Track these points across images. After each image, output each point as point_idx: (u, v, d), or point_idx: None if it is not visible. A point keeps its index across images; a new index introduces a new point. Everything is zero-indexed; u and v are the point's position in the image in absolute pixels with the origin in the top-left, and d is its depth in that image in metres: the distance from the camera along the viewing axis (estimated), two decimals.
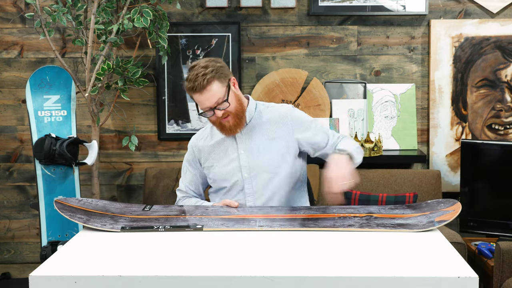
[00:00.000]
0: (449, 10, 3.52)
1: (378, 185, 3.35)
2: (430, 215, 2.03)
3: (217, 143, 2.39)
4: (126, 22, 3.06)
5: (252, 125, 2.37)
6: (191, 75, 2.22)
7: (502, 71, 3.50)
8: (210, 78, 2.20)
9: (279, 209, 2.21)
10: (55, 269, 1.64)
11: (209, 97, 2.22)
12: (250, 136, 2.36)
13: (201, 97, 2.22)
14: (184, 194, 2.49)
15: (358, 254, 1.73)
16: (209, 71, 2.21)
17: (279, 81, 3.53)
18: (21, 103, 3.63)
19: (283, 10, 3.54)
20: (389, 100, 3.54)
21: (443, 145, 3.55)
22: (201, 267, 1.63)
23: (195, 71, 2.22)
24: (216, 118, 2.27)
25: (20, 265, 3.73)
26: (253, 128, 2.36)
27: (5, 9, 3.57)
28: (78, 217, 2.03)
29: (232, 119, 2.28)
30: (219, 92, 2.23)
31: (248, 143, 2.35)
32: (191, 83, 2.21)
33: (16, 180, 3.69)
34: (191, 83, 2.21)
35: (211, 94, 2.22)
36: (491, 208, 3.13)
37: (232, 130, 2.30)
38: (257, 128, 2.36)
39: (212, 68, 2.22)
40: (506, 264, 2.67)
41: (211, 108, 2.24)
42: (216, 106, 2.23)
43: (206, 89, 2.21)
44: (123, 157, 3.67)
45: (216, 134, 2.40)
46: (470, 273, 1.55)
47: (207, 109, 2.24)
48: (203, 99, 2.23)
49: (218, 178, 2.38)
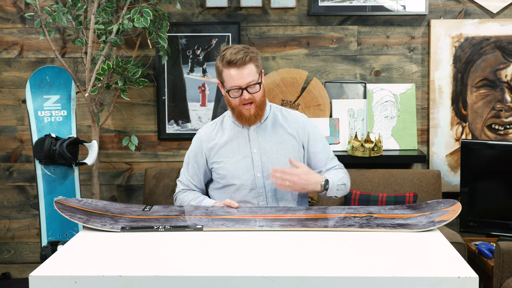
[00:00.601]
0: (449, 10, 3.52)
1: (378, 185, 3.35)
2: (430, 215, 2.03)
3: (229, 139, 2.39)
4: (126, 22, 3.06)
5: (265, 125, 2.37)
6: (232, 50, 2.23)
7: (502, 71, 3.50)
8: (251, 57, 2.24)
9: (279, 209, 2.21)
10: (55, 269, 1.64)
11: (244, 75, 2.22)
12: (263, 135, 2.36)
13: (237, 72, 2.22)
14: (185, 187, 2.49)
15: (358, 254, 1.73)
16: (250, 51, 2.25)
17: (279, 81, 3.53)
18: (21, 103, 3.63)
19: (283, 10, 3.55)
20: (389, 100, 3.54)
21: (443, 145, 3.55)
22: (201, 267, 1.63)
23: (236, 48, 2.24)
24: (239, 102, 2.27)
25: (20, 265, 3.73)
26: (267, 128, 2.37)
27: (5, 9, 3.57)
28: (78, 217, 2.03)
29: (254, 108, 2.28)
30: (254, 74, 2.25)
31: (262, 143, 2.35)
32: (232, 55, 2.21)
33: (16, 180, 3.69)
34: (232, 56, 2.21)
35: (247, 72, 2.22)
36: (491, 208, 3.13)
37: (250, 120, 2.30)
38: (271, 128, 2.38)
39: (253, 50, 2.26)
40: (506, 264, 2.67)
41: (241, 88, 2.24)
42: (247, 86, 2.23)
43: (245, 66, 2.22)
44: (123, 157, 3.68)
45: (227, 130, 2.40)
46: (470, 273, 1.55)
47: (237, 87, 2.24)
48: (238, 75, 2.22)
49: (228, 175, 2.37)
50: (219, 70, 2.29)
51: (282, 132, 2.38)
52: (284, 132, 2.38)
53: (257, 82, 2.25)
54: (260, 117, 2.33)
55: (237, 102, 2.27)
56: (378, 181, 3.36)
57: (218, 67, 2.29)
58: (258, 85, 2.26)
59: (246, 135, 2.37)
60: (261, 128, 2.37)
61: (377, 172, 3.40)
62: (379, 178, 3.37)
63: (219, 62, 2.28)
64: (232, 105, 2.30)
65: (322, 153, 2.40)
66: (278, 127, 2.38)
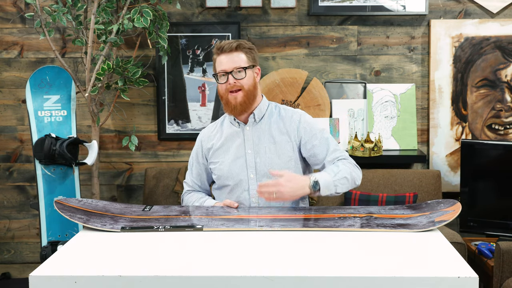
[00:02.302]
0: (449, 10, 3.52)
1: (378, 185, 3.35)
2: (430, 215, 2.03)
3: (226, 139, 2.39)
4: (126, 22, 3.06)
5: (261, 124, 2.37)
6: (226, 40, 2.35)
7: (502, 71, 3.50)
8: (241, 45, 2.31)
9: (279, 209, 2.21)
10: (55, 269, 1.64)
11: (231, 60, 2.28)
12: (258, 135, 2.36)
13: (224, 57, 2.29)
14: (190, 188, 2.50)
15: (358, 254, 1.73)
16: (243, 42, 2.33)
17: (279, 81, 3.53)
18: (21, 103, 3.63)
19: (283, 10, 3.55)
20: (389, 100, 3.54)
21: (443, 145, 3.55)
22: (201, 267, 1.63)
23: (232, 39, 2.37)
24: (226, 87, 2.29)
25: (20, 265, 3.73)
26: (262, 127, 2.37)
27: (5, 9, 3.57)
28: (78, 217, 2.03)
29: (241, 96, 2.29)
30: (242, 62, 2.30)
31: (256, 143, 2.35)
32: (222, 43, 2.30)
33: (16, 180, 3.69)
34: (223, 43, 2.30)
35: (234, 58, 2.29)
36: (491, 208, 3.13)
37: (236, 109, 2.31)
38: (266, 128, 2.37)
39: (246, 42, 2.34)
40: (506, 264, 2.67)
41: (227, 72, 2.28)
42: (232, 71, 2.27)
43: (233, 52, 2.29)
44: (123, 157, 3.67)
45: (225, 130, 2.41)
46: (470, 273, 1.55)
47: (223, 72, 2.29)
48: (225, 60, 2.29)
49: (223, 175, 2.38)
50: (213, 60, 2.36)
51: (277, 132, 2.36)
52: (278, 132, 2.36)
53: (243, 67, 2.28)
54: (247, 108, 2.32)
55: (224, 89, 2.30)
56: (378, 181, 3.36)
57: (213, 58, 2.36)
58: (244, 71, 2.28)
59: (241, 135, 2.37)
60: (257, 127, 2.37)
61: (377, 172, 3.40)
62: (379, 178, 3.37)
63: (213, 53, 2.36)
64: (220, 93, 2.34)
65: (320, 146, 2.35)
66: (273, 127, 2.37)
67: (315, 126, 2.39)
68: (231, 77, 2.28)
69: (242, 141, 2.36)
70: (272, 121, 2.38)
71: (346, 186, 2.27)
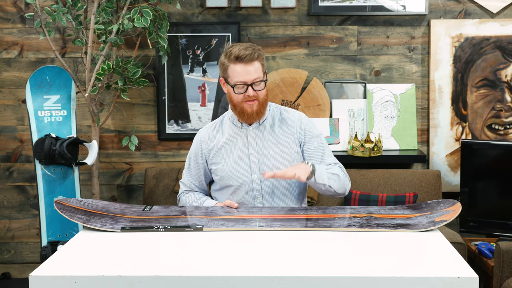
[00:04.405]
0: (449, 10, 3.52)
1: (378, 185, 3.35)
2: (430, 215, 2.03)
3: (228, 139, 2.39)
4: (126, 22, 3.06)
5: (264, 126, 2.37)
6: (240, 46, 2.25)
7: (502, 71, 3.50)
8: (259, 54, 2.26)
9: (279, 210, 2.21)
10: (55, 269, 1.64)
11: (251, 71, 2.23)
12: (261, 136, 2.36)
13: (244, 68, 2.23)
14: (187, 188, 2.49)
15: (358, 254, 1.73)
16: (258, 49, 2.26)
17: (279, 81, 3.53)
18: (21, 103, 3.63)
19: (283, 10, 3.54)
20: (389, 100, 3.54)
21: (443, 145, 3.55)
22: (201, 267, 1.64)
23: (244, 45, 2.25)
24: (243, 98, 2.27)
25: (20, 265, 3.73)
26: (265, 129, 2.37)
27: (5, 9, 3.57)
28: (78, 217, 2.03)
29: (257, 105, 2.29)
30: (260, 72, 2.26)
31: (260, 144, 2.35)
32: (241, 51, 2.22)
33: (16, 180, 3.69)
34: (241, 51, 2.22)
35: (254, 68, 2.24)
36: (491, 208, 3.13)
37: (252, 117, 2.31)
38: (269, 129, 2.37)
39: (260, 48, 2.28)
40: (506, 264, 2.67)
41: (246, 84, 2.24)
42: (252, 83, 2.24)
43: (252, 62, 2.24)
44: (123, 157, 3.68)
45: (226, 130, 2.40)
46: (470, 273, 1.55)
47: (242, 83, 2.25)
48: (245, 71, 2.23)
49: (226, 176, 2.37)
50: (224, 66, 2.28)
51: (280, 133, 2.37)
52: (282, 133, 2.37)
53: (262, 80, 2.26)
54: (261, 115, 2.34)
55: (241, 99, 2.27)
56: (378, 181, 3.36)
57: (223, 63, 2.28)
58: (263, 83, 2.26)
59: (244, 136, 2.37)
60: (260, 129, 2.37)
61: (377, 172, 3.40)
62: (379, 178, 3.37)
63: (224, 58, 2.28)
64: (235, 102, 2.30)
65: (316, 150, 2.38)
66: (276, 128, 2.37)
67: (314, 130, 2.41)
68: (250, 89, 2.25)
69: (246, 142, 2.36)
70: (275, 122, 2.39)
71: (337, 184, 2.30)
